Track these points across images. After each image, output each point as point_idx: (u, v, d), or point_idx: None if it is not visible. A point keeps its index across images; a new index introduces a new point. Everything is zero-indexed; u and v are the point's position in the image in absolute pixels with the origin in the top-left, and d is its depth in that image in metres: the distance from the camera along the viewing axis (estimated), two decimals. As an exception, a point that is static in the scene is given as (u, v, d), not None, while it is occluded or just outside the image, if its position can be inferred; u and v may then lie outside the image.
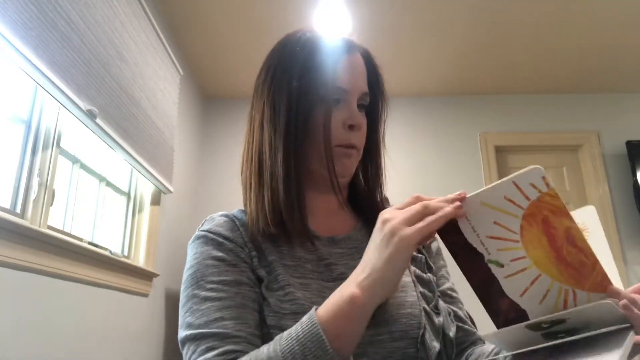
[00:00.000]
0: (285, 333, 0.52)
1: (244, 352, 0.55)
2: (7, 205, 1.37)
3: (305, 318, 0.52)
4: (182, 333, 0.59)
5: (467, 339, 0.70)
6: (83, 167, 1.87)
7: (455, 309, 0.71)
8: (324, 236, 0.69)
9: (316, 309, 0.52)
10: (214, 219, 0.69)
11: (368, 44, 0.74)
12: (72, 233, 1.70)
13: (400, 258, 0.49)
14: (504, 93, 3.46)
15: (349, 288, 0.51)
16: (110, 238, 2.11)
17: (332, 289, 0.59)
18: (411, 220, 0.50)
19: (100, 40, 1.70)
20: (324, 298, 0.57)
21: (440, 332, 0.64)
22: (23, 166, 1.44)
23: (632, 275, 3.03)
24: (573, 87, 3.37)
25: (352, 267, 0.63)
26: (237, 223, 0.68)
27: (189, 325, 0.58)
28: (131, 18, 1.99)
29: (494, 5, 2.48)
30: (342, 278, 0.63)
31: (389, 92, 0.75)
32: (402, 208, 0.52)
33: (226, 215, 0.69)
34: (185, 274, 0.64)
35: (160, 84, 2.33)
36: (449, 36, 2.75)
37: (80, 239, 1.73)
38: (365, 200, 0.75)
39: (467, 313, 0.74)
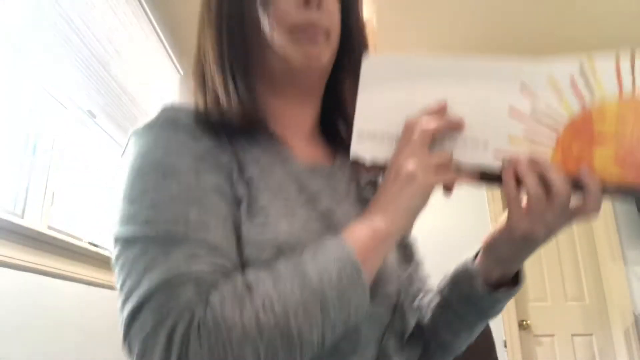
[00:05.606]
0: (308, 253, 0.44)
1: (236, 274, 0.44)
2: (7, 205, 1.37)
3: (330, 241, 0.45)
4: (132, 228, 0.45)
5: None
6: (83, 167, 1.87)
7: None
8: (303, 162, 0.56)
9: (338, 235, 0.47)
10: (181, 107, 0.51)
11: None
12: (72, 233, 1.70)
13: (419, 201, 0.47)
14: (504, 93, 3.46)
15: (376, 219, 0.47)
16: (110, 238, 2.10)
17: (319, 221, 0.51)
18: (433, 170, 0.47)
19: (100, 40, 1.70)
20: (309, 232, 0.49)
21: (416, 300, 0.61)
22: (23, 166, 1.44)
23: (632, 275, 3.03)
24: (573, 87, 3.37)
25: (339, 202, 0.56)
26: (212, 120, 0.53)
27: (151, 222, 0.44)
28: (131, 18, 1.99)
29: (494, 8, 2.48)
30: (329, 212, 0.53)
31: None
32: (418, 141, 0.47)
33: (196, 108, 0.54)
34: (139, 159, 0.47)
35: (160, 84, 2.33)
36: (448, 36, 2.75)
37: (80, 239, 1.73)
38: (342, 125, 0.62)
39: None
